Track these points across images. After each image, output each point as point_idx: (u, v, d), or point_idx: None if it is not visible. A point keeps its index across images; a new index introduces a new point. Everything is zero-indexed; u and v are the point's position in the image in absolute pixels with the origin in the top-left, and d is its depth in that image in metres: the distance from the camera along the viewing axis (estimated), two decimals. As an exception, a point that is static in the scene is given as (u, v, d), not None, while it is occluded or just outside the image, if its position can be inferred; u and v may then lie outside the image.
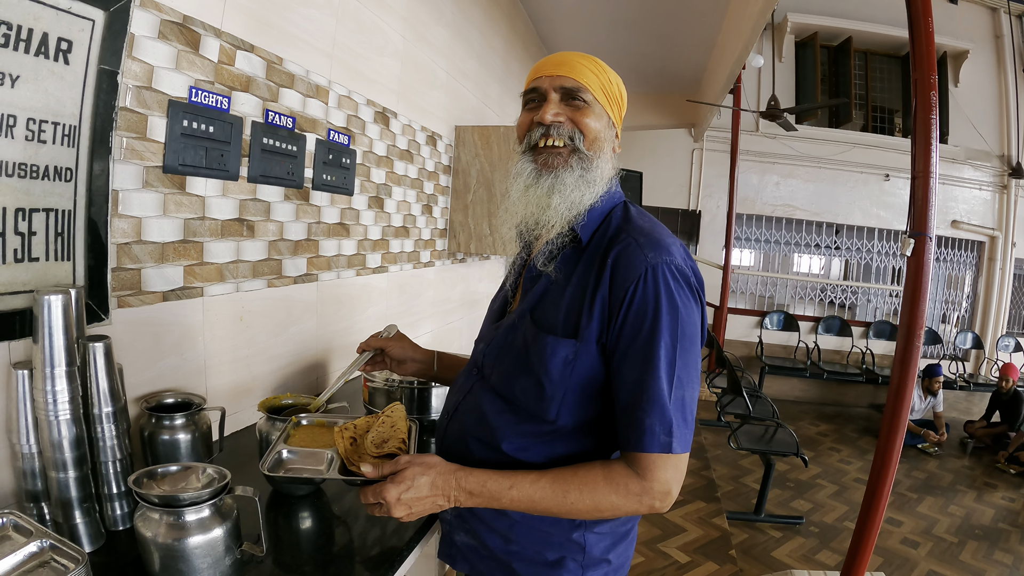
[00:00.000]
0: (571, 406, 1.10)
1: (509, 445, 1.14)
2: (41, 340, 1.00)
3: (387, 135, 2.46)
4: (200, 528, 0.91)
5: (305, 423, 1.34)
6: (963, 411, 7.77)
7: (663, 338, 1.02)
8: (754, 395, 5.23)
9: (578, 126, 1.16)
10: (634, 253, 1.06)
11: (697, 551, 3.80)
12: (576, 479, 1.05)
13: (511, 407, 1.15)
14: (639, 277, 1.03)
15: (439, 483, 1.05)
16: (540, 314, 1.14)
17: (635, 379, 1.03)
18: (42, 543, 0.84)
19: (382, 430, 1.19)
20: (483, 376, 1.23)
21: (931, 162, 2.42)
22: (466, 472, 1.07)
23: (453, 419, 1.26)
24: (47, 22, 1.10)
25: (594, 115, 1.17)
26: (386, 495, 1.01)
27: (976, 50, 7.96)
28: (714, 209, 8.62)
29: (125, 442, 1.13)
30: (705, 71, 5.85)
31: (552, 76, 1.16)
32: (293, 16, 1.81)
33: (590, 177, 1.16)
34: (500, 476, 1.06)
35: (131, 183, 1.33)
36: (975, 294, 8.54)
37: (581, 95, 1.15)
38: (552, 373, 1.08)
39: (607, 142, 1.20)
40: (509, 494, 1.05)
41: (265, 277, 1.82)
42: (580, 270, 1.12)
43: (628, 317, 1.03)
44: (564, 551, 1.16)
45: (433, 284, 3.20)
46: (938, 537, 4.39)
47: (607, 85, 1.18)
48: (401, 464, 1.05)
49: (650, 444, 1.01)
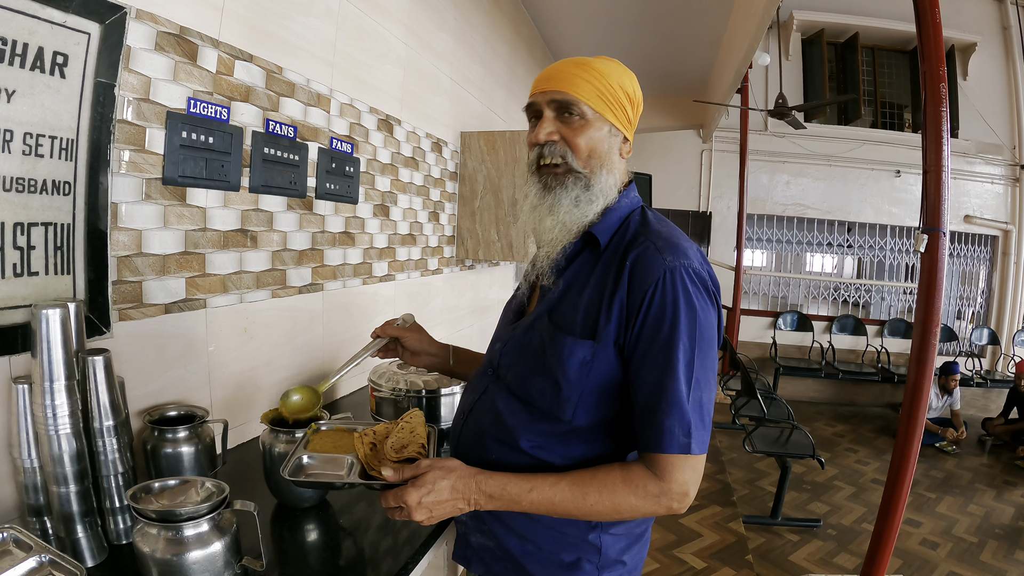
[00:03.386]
0: (587, 406, 1.11)
1: (526, 443, 1.15)
2: (40, 354, 1.00)
3: (391, 142, 2.46)
4: (198, 543, 0.90)
5: (324, 428, 1.33)
6: (980, 408, 7.67)
7: (681, 340, 1.03)
8: (769, 397, 5.18)
9: (569, 144, 1.15)
10: (652, 256, 1.06)
11: (713, 556, 3.76)
12: (595, 481, 1.06)
13: (527, 407, 1.16)
14: (658, 280, 1.04)
15: (459, 486, 1.05)
16: (558, 316, 1.14)
17: (654, 381, 1.03)
18: (41, 558, 0.83)
19: (401, 435, 1.18)
20: (498, 376, 1.24)
21: (943, 156, 2.38)
22: (486, 475, 1.07)
23: (469, 419, 1.27)
24: (42, 36, 1.10)
25: (588, 130, 1.15)
26: (407, 499, 1.01)
27: (984, 42, 7.88)
28: (725, 210, 8.57)
29: (127, 455, 1.12)
30: (712, 71, 5.82)
31: (545, 91, 1.16)
32: (292, 25, 1.81)
33: (589, 195, 1.16)
34: (520, 479, 1.07)
35: (131, 195, 1.33)
36: (990, 289, 8.44)
37: (572, 109, 1.14)
38: (569, 373, 1.09)
39: (608, 153, 1.18)
40: (529, 497, 1.06)
41: (269, 288, 1.81)
42: (598, 272, 1.13)
43: (647, 320, 1.04)
44: (580, 552, 1.17)
45: (442, 291, 3.19)
46: (958, 537, 4.32)
47: (606, 91, 1.15)
48: (422, 468, 1.05)
49: (669, 445, 1.02)
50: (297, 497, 1.33)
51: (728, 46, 4.88)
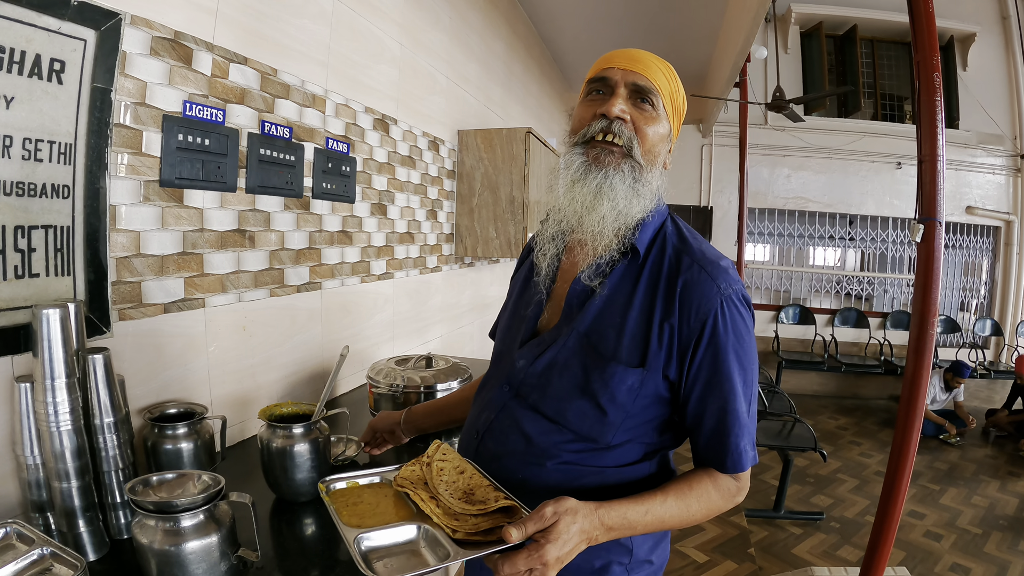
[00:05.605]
0: (627, 428, 1.11)
1: (556, 463, 1.12)
2: (41, 353, 1.02)
3: (387, 142, 2.48)
4: (195, 534, 0.92)
5: (343, 486, 1.13)
6: (984, 400, 7.66)
7: (737, 365, 1.06)
8: (771, 391, 5.20)
9: (638, 131, 1.10)
10: (706, 284, 1.05)
11: (715, 550, 3.78)
12: (692, 492, 1.07)
13: (558, 427, 1.12)
14: (715, 311, 1.04)
15: (586, 527, 0.93)
16: (597, 337, 1.10)
17: (719, 407, 1.06)
18: (43, 551, 0.86)
19: (450, 477, 1.05)
20: (518, 394, 1.18)
21: (938, 145, 2.38)
22: (606, 507, 0.98)
23: (486, 439, 1.21)
24: (39, 44, 1.12)
25: (658, 123, 1.12)
26: (547, 558, 0.87)
27: (983, 33, 7.84)
28: (726, 204, 8.56)
29: (127, 452, 1.15)
30: (709, 66, 5.83)
31: (625, 70, 1.10)
32: (286, 27, 1.84)
33: (640, 188, 1.11)
34: (633, 504, 1.02)
35: (129, 198, 1.35)
36: (992, 280, 8.42)
37: (651, 97, 1.11)
38: (618, 399, 1.07)
39: (661, 155, 1.15)
40: (644, 520, 1.02)
41: (267, 287, 1.84)
42: (641, 292, 1.10)
43: (708, 351, 1.05)
44: (611, 556, 1.14)
45: (441, 289, 3.21)
46: (962, 529, 4.33)
47: (675, 94, 1.14)
48: (548, 517, 0.90)
49: (745, 463, 1.08)
50: (295, 491, 1.35)
51: (725, 40, 4.89)
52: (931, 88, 2.39)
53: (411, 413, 1.53)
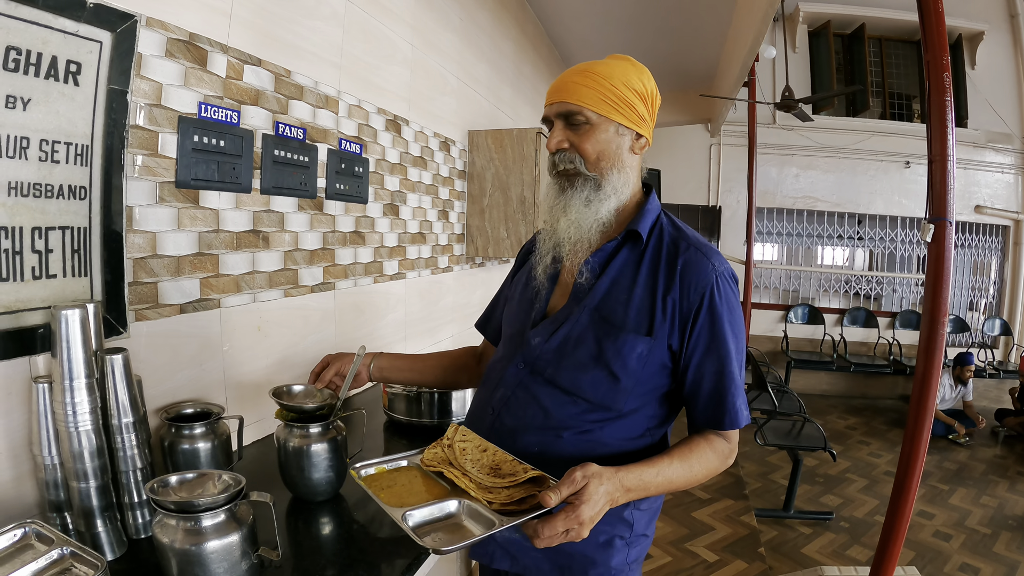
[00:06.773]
0: (637, 395, 1.23)
1: (571, 434, 1.23)
2: (60, 354, 1.02)
3: (399, 142, 2.48)
4: (216, 533, 0.92)
5: (372, 471, 1.20)
6: (994, 399, 7.62)
7: (731, 332, 1.20)
8: (780, 390, 5.18)
9: (580, 150, 1.24)
10: (702, 263, 1.21)
11: (725, 550, 3.78)
12: (693, 454, 1.19)
13: (573, 399, 1.24)
14: (711, 286, 1.19)
15: (610, 488, 1.03)
16: (608, 311, 1.23)
17: (716, 370, 1.20)
18: (63, 551, 0.85)
19: (474, 456, 1.13)
20: (535, 370, 1.29)
21: (947, 144, 2.37)
22: (624, 471, 1.08)
23: (503, 414, 1.30)
24: (56, 46, 1.13)
25: (594, 134, 1.23)
26: (583, 518, 0.97)
27: (992, 31, 7.81)
28: (734, 204, 8.54)
29: (145, 452, 1.15)
30: (718, 65, 5.81)
31: (554, 104, 1.24)
32: (299, 29, 1.84)
33: (600, 195, 1.25)
34: (647, 467, 1.12)
35: (145, 199, 1.36)
36: (1001, 279, 8.38)
37: (577, 117, 1.22)
38: (630, 366, 1.20)
39: (618, 152, 1.26)
40: (656, 481, 1.12)
41: (282, 287, 1.84)
42: (645, 272, 1.24)
43: (706, 319, 1.19)
44: (613, 531, 1.25)
45: (452, 289, 3.21)
46: (971, 529, 4.31)
47: (608, 92, 1.20)
48: (579, 481, 0.99)
49: (740, 420, 1.21)
50: (312, 491, 1.35)
51: (733, 40, 4.87)
52: (941, 88, 2.37)
53: (380, 359, 1.62)
